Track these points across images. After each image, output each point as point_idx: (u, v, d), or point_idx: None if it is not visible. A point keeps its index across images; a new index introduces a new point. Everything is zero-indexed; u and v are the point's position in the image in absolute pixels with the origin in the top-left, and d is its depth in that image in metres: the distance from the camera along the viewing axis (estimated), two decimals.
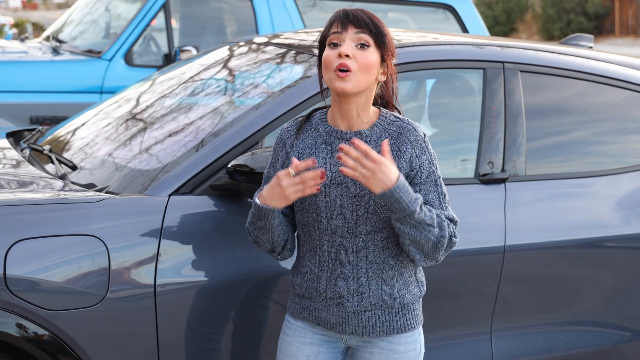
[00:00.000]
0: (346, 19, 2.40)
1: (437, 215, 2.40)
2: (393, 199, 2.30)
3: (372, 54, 2.39)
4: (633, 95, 3.61)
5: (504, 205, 3.24)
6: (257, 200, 2.40)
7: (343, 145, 2.28)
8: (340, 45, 2.39)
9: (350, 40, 2.38)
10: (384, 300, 2.47)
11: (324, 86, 2.53)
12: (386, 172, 2.28)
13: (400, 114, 2.53)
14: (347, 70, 2.36)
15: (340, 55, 2.37)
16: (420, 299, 2.56)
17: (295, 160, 2.33)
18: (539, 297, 3.31)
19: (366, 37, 2.39)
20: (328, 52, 2.40)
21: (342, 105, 2.43)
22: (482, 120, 3.30)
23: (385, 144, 2.30)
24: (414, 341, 2.53)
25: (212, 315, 2.85)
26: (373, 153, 2.27)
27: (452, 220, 2.46)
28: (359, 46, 2.38)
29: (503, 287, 3.22)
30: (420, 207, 2.34)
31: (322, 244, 2.46)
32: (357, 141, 2.27)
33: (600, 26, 26.15)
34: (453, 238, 2.44)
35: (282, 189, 2.34)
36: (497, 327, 3.26)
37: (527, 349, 3.31)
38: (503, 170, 3.27)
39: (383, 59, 2.43)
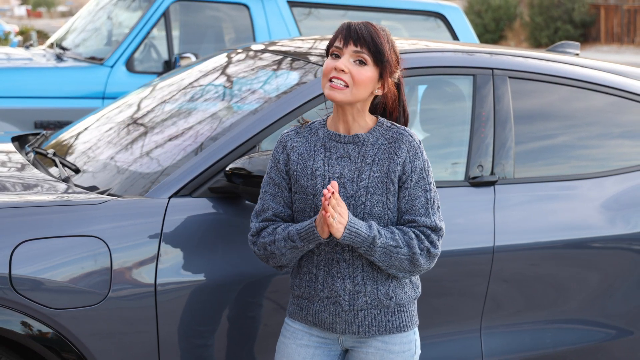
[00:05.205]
0: (348, 35, 2.46)
1: (405, 234, 2.45)
2: (352, 234, 2.39)
3: (368, 71, 2.46)
4: (617, 101, 3.64)
5: (493, 207, 3.28)
6: (317, 229, 2.43)
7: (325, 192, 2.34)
8: (339, 58, 2.47)
9: (348, 55, 2.45)
10: (379, 299, 2.51)
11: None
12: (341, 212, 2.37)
13: (406, 120, 2.59)
14: (343, 84, 2.44)
15: (336, 69, 2.45)
16: (416, 301, 2.60)
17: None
18: (527, 296, 3.34)
19: (364, 55, 2.45)
20: (328, 62, 2.48)
21: (339, 109, 2.52)
22: (472, 125, 3.33)
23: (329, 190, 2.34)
24: (409, 342, 2.57)
25: (211, 313, 2.88)
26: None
27: (433, 229, 2.49)
28: (357, 62, 2.45)
29: (492, 286, 3.25)
30: (379, 231, 2.42)
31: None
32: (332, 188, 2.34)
33: (586, 34, 26.19)
34: (431, 250, 2.47)
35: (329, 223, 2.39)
36: (487, 325, 3.29)
37: (516, 346, 3.34)
38: (492, 173, 3.31)
39: (381, 75, 2.48)
